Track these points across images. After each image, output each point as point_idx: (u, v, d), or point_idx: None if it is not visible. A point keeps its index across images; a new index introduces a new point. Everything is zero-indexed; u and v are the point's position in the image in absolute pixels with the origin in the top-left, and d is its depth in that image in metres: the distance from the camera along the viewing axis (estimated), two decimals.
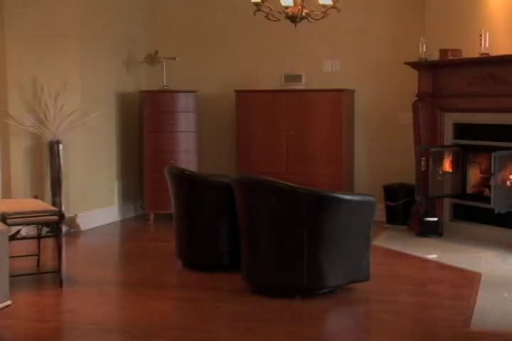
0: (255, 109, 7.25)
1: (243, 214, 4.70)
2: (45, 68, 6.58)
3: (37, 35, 6.53)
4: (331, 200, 4.44)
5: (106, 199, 7.28)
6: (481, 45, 5.96)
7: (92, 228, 6.94)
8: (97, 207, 7.11)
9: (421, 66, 6.59)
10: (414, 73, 6.68)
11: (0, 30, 6.42)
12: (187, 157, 7.34)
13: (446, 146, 6.63)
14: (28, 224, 5.04)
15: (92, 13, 6.91)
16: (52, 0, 6.55)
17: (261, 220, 4.57)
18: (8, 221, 4.64)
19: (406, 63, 6.66)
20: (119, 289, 5.07)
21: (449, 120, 6.61)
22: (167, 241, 6.05)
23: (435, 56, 6.51)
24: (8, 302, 4.34)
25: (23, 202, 5.25)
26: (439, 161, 6.57)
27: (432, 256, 5.79)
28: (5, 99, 6.53)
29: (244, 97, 7.29)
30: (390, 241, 6.30)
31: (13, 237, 4.79)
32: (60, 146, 6.58)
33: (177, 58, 7.47)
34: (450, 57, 6.32)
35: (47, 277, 5.07)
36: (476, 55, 6.03)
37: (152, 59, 7.57)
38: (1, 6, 6.40)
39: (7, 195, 6.56)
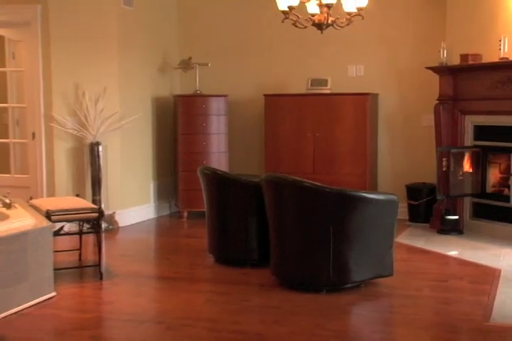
0: (283, 112, 7.23)
1: (272, 212, 4.70)
2: (87, 75, 6.63)
3: (79, 46, 6.57)
4: (355, 199, 4.42)
5: (142, 198, 7.32)
6: (500, 49, 5.90)
7: (130, 225, 6.98)
8: (134, 205, 7.15)
9: (442, 70, 6.54)
10: (436, 77, 6.63)
11: (46, 42, 6.49)
12: (218, 158, 7.36)
13: (467, 147, 6.56)
14: (70, 220, 5.07)
15: (130, 23, 6.95)
16: (93, 13, 6.59)
17: (289, 218, 4.57)
18: (53, 218, 4.70)
19: (427, 68, 6.62)
20: (154, 282, 5.08)
21: (469, 122, 6.54)
22: (199, 237, 6.08)
23: (456, 61, 6.46)
24: (53, 293, 4.43)
25: (66, 200, 5.29)
26: (460, 161, 6.50)
27: (453, 253, 5.73)
28: (50, 103, 6.59)
29: (273, 101, 7.28)
30: (413, 239, 6.25)
31: (56, 233, 4.84)
32: (100, 148, 6.62)
33: (209, 64, 7.49)
34: (470, 62, 6.26)
35: (88, 270, 5.11)
36: (496, 60, 5.97)
37: (186, 65, 7.60)
38: (47, 21, 6.46)
39: (51, 193, 6.62)
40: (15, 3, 6.52)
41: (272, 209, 4.69)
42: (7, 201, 4.68)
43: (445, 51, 6.50)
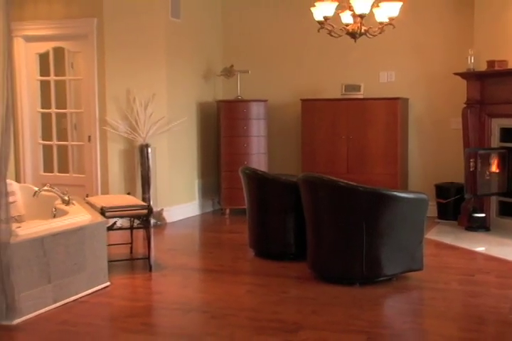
0: (319, 116, 7.21)
1: (308, 210, 4.69)
2: (137, 82, 6.71)
3: (130, 55, 6.65)
4: (387, 198, 4.39)
5: (188, 196, 7.37)
6: None
7: (176, 221, 7.03)
8: (180, 203, 7.20)
9: (469, 76, 6.45)
10: (463, 82, 6.54)
11: (101, 53, 6.58)
12: (258, 158, 7.37)
13: (493, 149, 6.46)
14: (122, 216, 5.11)
15: (177, 34, 7.01)
16: (143, 26, 6.67)
17: (324, 215, 4.56)
18: (107, 214, 4.76)
19: (456, 74, 6.54)
20: (199, 274, 5.11)
21: (496, 125, 6.44)
22: (241, 232, 6.09)
23: (483, 67, 6.37)
24: (107, 283, 4.50)
25: (119, 198, 5.35)
26: (487, 162, 6.41)
27: (480, 249, 5.65)
28: (104, 109, 6.68)
29: (309, 105, 7.26)
30: (441, 235, 6.18)
31: (110, 228, 4.91)
32: (149, 149, 6.68)
33: (250, 71, 7.51)
34: (497, 68, 6.17)
35: (138, 263, 5.18)
36: None
37: (228, 72, 7.63)
38: (102, 33, 6.55)
39: (105, 191, 6.70)
40: (74, 17, 6.63)
41: (308, 206, 4.69)
42: (66, 198, 4.74)
43: (472, 58, 6.42)
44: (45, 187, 4.83)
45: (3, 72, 3.69)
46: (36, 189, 4.93)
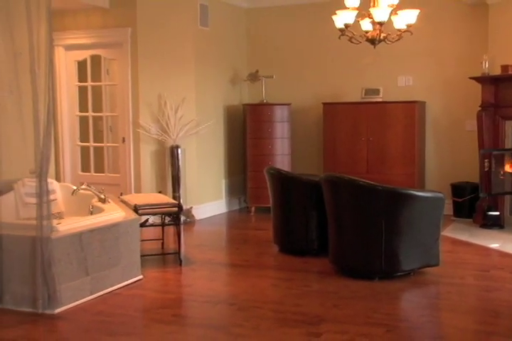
0: (340, 119, 7.18)
1: (330, 208, 4.68)
2: (168, 87, 6.75)
3: (161, 62, 6.69)
4: (405, 196, 4.37)
5: (215, 194, 7.39)
6: None
7: (204, 218, 7.05)
8: (208, 201, 7.22)
9: (484, 80, 6.38)
10: (478, 86, 6.46)
11: (135, 60, 6.62)
12: (282, 159, 7.36)
13: (507, 150, 6.38)
14: (154, 214, 5.14)
15: (205, 41, 7.04)
16: (174, 34, 6.71)
17: (345, 213, 4.55)
18: (140, 211, 4.79)
19: (471, 78, 6.47)
20: (226, 268, 5.13)
21: (509, 126, 6.37)
22: (265, 229, 6.10)
23: (497, 71, 6.30)
24: (140, 276, 4.53)
25: (151, 196, 5.37)
26: (501, 163, 6.34)
27: (494, 246, 5.58)
28: (137, 112, 6.72)
29: (330, 108, 7.24)
30: (457, 232, 6.12)
31: (142, 225, 4.94)
32: (179, 150, 6.71)
33: (274, 76, 7.51)
34: (510, 72, 6.10)
35: (169, 257, 5.20)
36: None
37: (253, 77, 7.64)
38: (136, 41, 6.58)
39: (138, 190, 6.74)
40: (110, 27, 6.68)
41: (330, 204, 4.67)
42: (102, 196, 4.78)
43: (487, 62, 6.35)
44: (83, 186, 4.88)
45: (46, 78, 3.74)
46: (74, 188, 4.98)
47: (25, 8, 3.73)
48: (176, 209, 4.97)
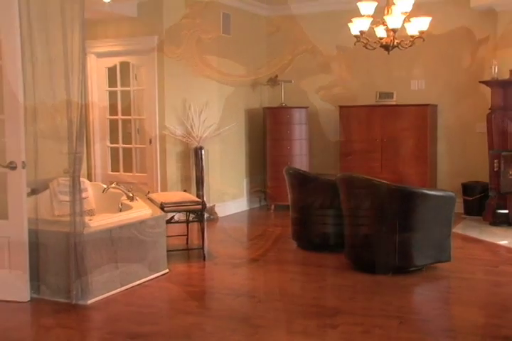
0: (355, 121, 7.16)
1: (346, 206, 4.67)
2: (192, 92, 6.77)
3: (186, 68, 6.72)
4: (418, 195, 4.35)
5: (237, 193, 7.40)
6: None
7: (227, 215, 7.07)
8: (230, 199, 7.24)
9: (493, 84, 6.32)
10: (488, 90, 6.40)
11: (161, 66, 6.64)
12: (300, 159, 7.36)
13: None
14: (179, 211, 5.15)
15: (227, 48, 7.07)
16: (196, 42, 6.71)
17: (360, 210, 4.53)
18: (166, 209, 4.82)
19: (481, 82, 6.42)
20: (247, 263, 5.11)
21: None
22: (284, 226, 6.08)
23: (506, 75, 6.25)
24: (166, 270, 4.56)
25: (176, 195, 5.40)
26: (510, 163, 6.27)
27: (503, 242, 5.53)
28: (163, 115, 6.74)
29: (346, 111, 7.21)
30: (467, 230, 6.07)
31: (168, 221, 4.95)
32: (203, 151, 6.73)
33: (292, 81, 7.51)
34: None
35: (193, 252, 5.21)
36: None
37: (273, 82, 7.64)
38: (162, 49, 6.62)
39: (164, 188, 6.74)
40: (138, 35, 6.72)
41: (346, 203, 4.67)
42: (130, 195, 4.82)
43: (496, 67, 6.29)
44: (113, 185, 4.92)
45: (79, 84, 3.79)
46: (105, 186, 5.02)
47: (61, 19, 3.79)
48: (199, 206, 4.98)
